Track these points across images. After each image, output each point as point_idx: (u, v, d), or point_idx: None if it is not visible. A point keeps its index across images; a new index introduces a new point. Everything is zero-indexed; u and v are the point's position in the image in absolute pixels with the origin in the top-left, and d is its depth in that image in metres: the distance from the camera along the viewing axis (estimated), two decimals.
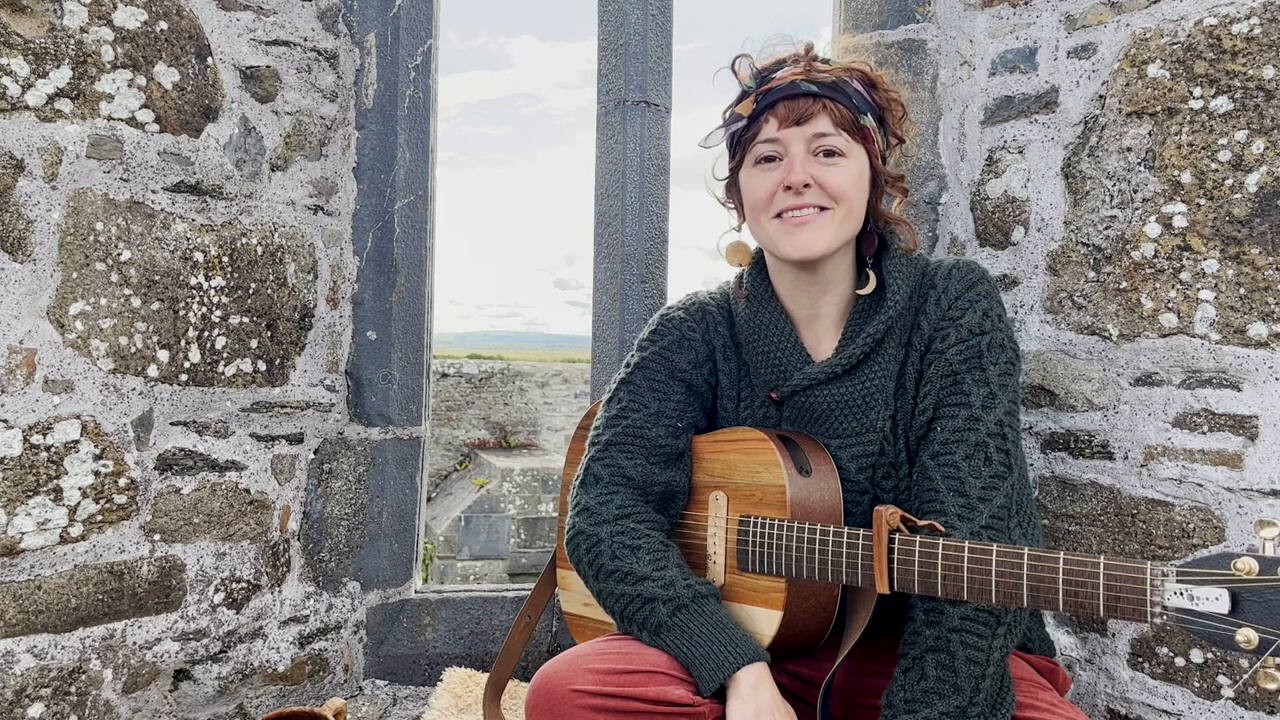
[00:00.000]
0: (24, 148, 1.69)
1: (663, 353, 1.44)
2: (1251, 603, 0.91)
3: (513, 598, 2.32)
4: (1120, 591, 0.99)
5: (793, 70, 1.32)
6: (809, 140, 1.30)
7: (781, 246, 1.32)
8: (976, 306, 1.31)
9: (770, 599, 1.28)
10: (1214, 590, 0.93)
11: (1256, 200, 1.52)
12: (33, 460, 1.69)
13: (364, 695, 2.13)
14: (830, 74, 1.31)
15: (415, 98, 2.22)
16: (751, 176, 1.36)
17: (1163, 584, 0.96)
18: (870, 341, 1.33)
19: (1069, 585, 1.02)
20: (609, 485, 1.37)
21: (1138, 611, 0.97)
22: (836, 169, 1.30)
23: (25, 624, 1.69)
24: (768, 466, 1.31)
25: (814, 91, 1.29)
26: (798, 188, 1.28)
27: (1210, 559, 0.95)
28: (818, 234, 1.29)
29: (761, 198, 1.33)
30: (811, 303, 1.39)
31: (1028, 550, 1.06)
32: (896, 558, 1.15)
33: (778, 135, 1.31)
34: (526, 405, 13.77)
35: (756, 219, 1.36)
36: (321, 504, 2.16)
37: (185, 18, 1.89)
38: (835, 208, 1.30)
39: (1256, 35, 1.52)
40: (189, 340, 1.91)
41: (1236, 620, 0.92)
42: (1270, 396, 1.50)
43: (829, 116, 1.29)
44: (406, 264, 2.22)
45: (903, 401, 1.34)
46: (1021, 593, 1.05)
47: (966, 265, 1.36)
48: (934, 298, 1.33)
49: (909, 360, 1.34)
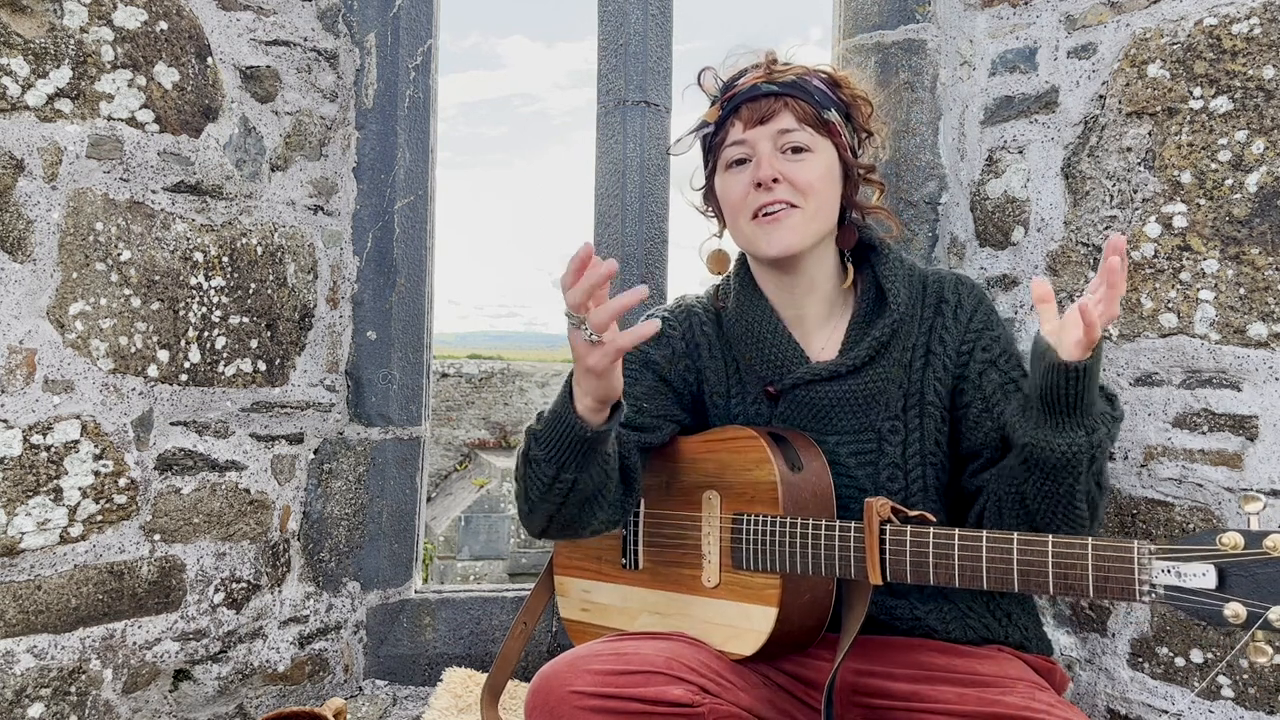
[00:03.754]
0: (24, 148, 1.69)
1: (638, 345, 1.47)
2: (1238, 577, 0.92)
3: (513, 598, 2.32)
4: (1109, 571, 1.00)
5: (754, 75, 1.37)
6: (774, 137, 1.34)
7: (759, 245, 1.35)
8: (994, 319, 1.40)
9: (765, 596, 1.28)
10: (1201, 566, 0.94)
11: (1256, 200, 1.52)
12: (33, 460, 1.69)
13: (364, 695, 2.13)
14: (790, 73, 1.36)
15: (415, 98, 2.22)
16: (725, 180, 1.40)
17: (1150, 562, 0.97)
18: (876, 345, 1.36)
19: (1058, 567, 1.03)
20: None
21: (1126, 590, 0.98)
22: (804, 164, 1.34)
23: (25, 624, 1.69)
24: (759, 464, 1.32)
25: (774, 91, 1.34)
26: (767, 183, 1.32)
27: (1197, 536, 0.96)
28: (791, 230, 1.33)
29: (736, 199, 1.37)
30: (797, 301, 1.42)
31: (1017, 535, 1.07)
32: (888, 548, 1.16)
33: (744, 136, 1.35)
34: (527, 405, 13.76)
35: (735, 222, 1.40)
36: (321, 504, 2.16)
37: (185, 18, 1.89)
38: (805, 203, 1.33)
39: (1256, 35, 1.52)
40: (189, 340, 1.91)
41: (1224, 595, 0.93)
42: (1270, 396, 1.50)
43: (791, 113, 1.34)
44: (406, 264, 2.22)
45: (921, 406, 1.38)
46: (1012, 577, 1.07)
47: (968, 278, 1.45)
48: (949, 311, 1.39)
49: (929, 368, 1.38)
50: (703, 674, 1.20)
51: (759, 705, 1.25)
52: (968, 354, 1.38)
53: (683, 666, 1.19)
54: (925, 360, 1.38)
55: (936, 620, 1.34)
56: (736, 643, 1.31)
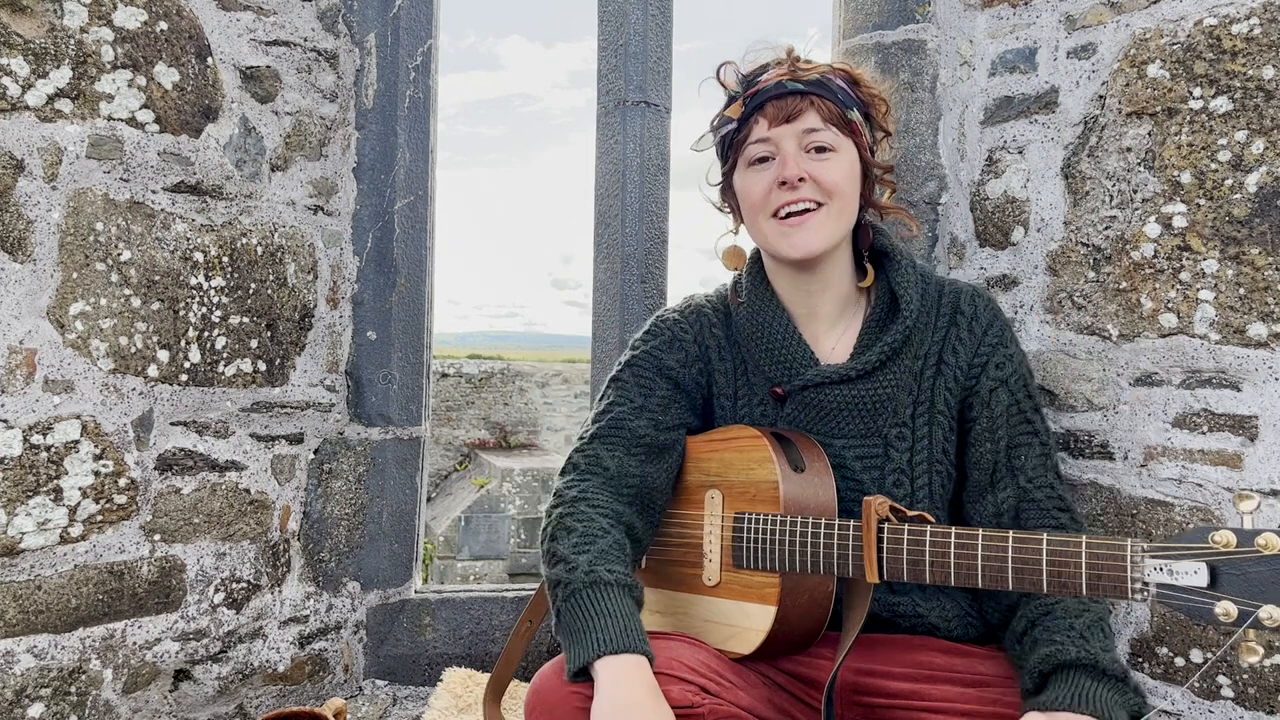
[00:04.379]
0: (24, 148, 1.69)
1: (652, 351, 1.47)
2: (1229, 575, 0.93)
3: (513, 598, 2.32)
4: (1102, 569, 1.00)
5: (778, 72, 1.35)
6: (800, 136, 1.32)
7: (780, 247, 1.34)
8: (1007, 334, 1.40)
9: (765, 594, 1.29)
10: (1193, 564, 0.95)
11: (1256, 200, 1.52)
12: (33, 460, 1.69)
13: (364, 695, 2.13)
14: (814, 72, 1.34)
15: (415, 98, 2.22)
16: (746, 178, 1.38)
17: (1143, 560, 0.97)
18: (888, 350, 1.36)
19: (1052, 566, 1.04)
20: (583, 473, 1.39)
21: (1119, 588, 0.99)
22: (829, 163, 1.33)
23: (25, 624, 1.69)
24: (761, 463, 1.32)
25: (800, 89, 1.32)
26: (793, 182, 1.31)
27: (1189, 534, 0.96)
28: (815, 232, 1.32)
29: (757, 198, 1.35)
30: (810, 300, 1.41)
31: (1012, 534, 1.08)
32: (886, 546, 1.16)
33: (769, 134, 1.33)
34: (526, 405, 13.76)
35: (754, 220, 1.38)
36: (321, 504, 2.16)
37: (185, 18, 1.89)
38: (829, 203, 1.33)
39: (1256, 35, 1.52)
40: (189, 340, 1.91)
41: (1215, 593, 0.93)
42: (1270, 396, 1.50)
43: (817, 112, 1.32)
44: (406, 264, 2.22)
45: (931, 415, 1.38)
46: (1007, 576, 1.07)
47: (984, 291, 1.44)
48: (964, 323, 1.39)
49: (940, 377, 1.38)
50: (702, 674, 1.20)
51: (759, 705, 1.25)
52: (980, 368, 1.37)
53: (682, 666, 1.19)
54: (937, 369, 1.38)
55: (938, 617, 1.34)
56: (736, 641, 1.31)
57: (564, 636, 1.18)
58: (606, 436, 1.41)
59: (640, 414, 1.42)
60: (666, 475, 1.43)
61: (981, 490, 1.37)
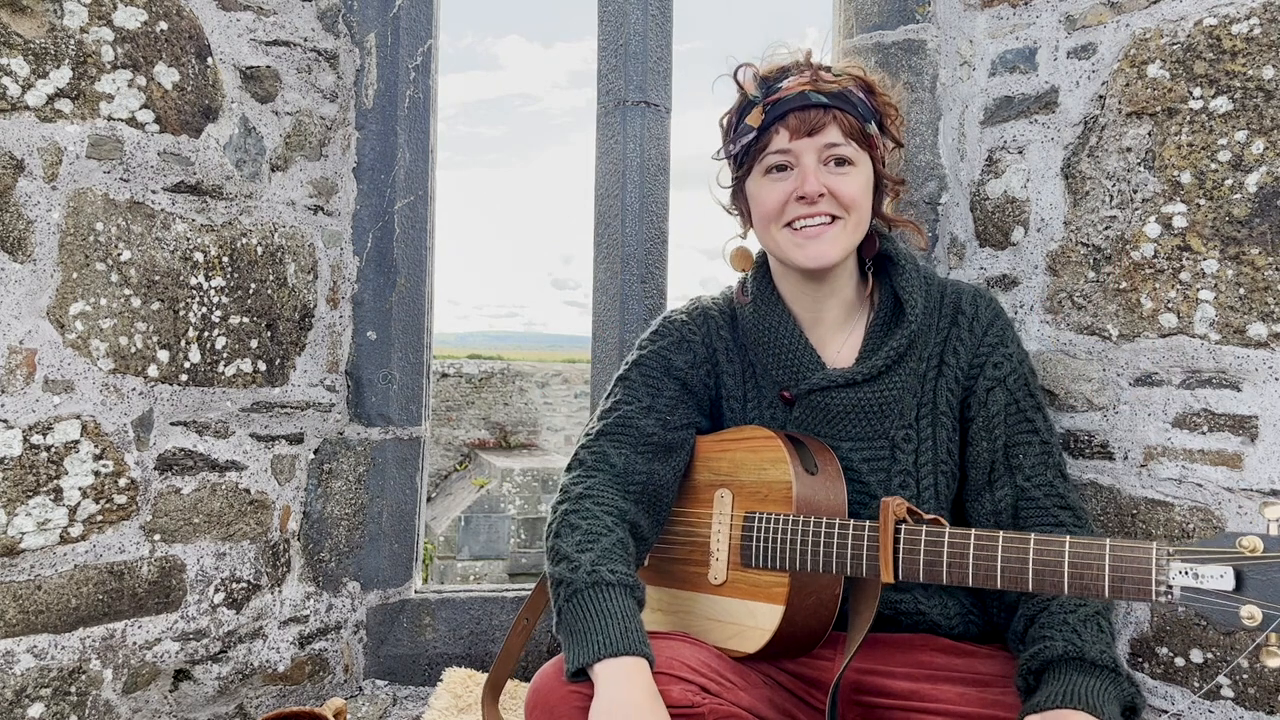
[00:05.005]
0: (24, 148, 1.69)
1: (660, 351, 1.47)
2: (1256, 580, 0.93)
3: (513, 598, 2.32)
4: (1126, 572, 1.00)
5: (799, 80, 1.33)
6: (820, 150, 1.32)
7: (794, 256, 1.34)
8: (1008, 334, 1.40)
9: (772, 594, 1.29)
10: (1219, 568, 0.95)
11: (1256, 200, 1.52)
12: (33, 460, 1.69)
13: (364, 695, 2.13)
14: (836, 84, 1.33)
15: (415, 98, 2.22)
16: (761, 186, 1.37)
17: (1168, 563, 0.97)
18: (894, 354, 1.36)
19: (1074, 568, 1.04)
20: (589, 469, 1.39)
21: (1143, 591, 0.99)
22: (847, 178, 1.33)
23: (25, 624, 1.69)
24: (775, 464, 1.32)
25: (824, 103, 1.31)
26: (812, 197, 1.30)
27: (1216, 539, 0.96)
28: (830, 244, 1.32)
29: (773, 208, 1.35)
30: (817, 306, 1.42)
31: (1034, 535, 1.07)
32: (903, 546, 1.16)
33: (789, 146, 1.32)
34: (526, 405, 13.76)
35: (766, 228, 1.38)
36: (321, 504, 2.16)
37: (185, 18, 1.89)
38: (846, 216, 1.33)
39: (1256, 35, 1.52)
40: (189, 340, 1.91)
41: (1241, 597, 0.93)
42: (1270, 396, 1.50)
43: (839, 127, 1.32)
44: (406, 264, 2.22)
45: (934, 416, 1.39)
46: (1027, 577, 1.07)
47: (985, 292, 1.45)
48: (965, 323, 1.39)
49: (942, 378, 1.39)
50: (703, 674, 1.20)
51: (760, 705, 1.25)
52: (979, 368, 1.38)
53: (683, 666, 1.19)
54: (939, 370, 1.39)
55: (940, 615, 1.34)
56: (740, 640, 1.31)
57: (565, 636, 1.18)
58: (614, 434, 1.41)
59: (648, 413, 1.42)
60: (673, 474, 1.43)
61: (980, 489, 1.37)
